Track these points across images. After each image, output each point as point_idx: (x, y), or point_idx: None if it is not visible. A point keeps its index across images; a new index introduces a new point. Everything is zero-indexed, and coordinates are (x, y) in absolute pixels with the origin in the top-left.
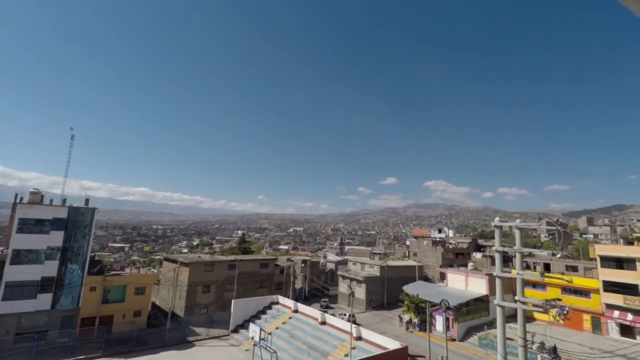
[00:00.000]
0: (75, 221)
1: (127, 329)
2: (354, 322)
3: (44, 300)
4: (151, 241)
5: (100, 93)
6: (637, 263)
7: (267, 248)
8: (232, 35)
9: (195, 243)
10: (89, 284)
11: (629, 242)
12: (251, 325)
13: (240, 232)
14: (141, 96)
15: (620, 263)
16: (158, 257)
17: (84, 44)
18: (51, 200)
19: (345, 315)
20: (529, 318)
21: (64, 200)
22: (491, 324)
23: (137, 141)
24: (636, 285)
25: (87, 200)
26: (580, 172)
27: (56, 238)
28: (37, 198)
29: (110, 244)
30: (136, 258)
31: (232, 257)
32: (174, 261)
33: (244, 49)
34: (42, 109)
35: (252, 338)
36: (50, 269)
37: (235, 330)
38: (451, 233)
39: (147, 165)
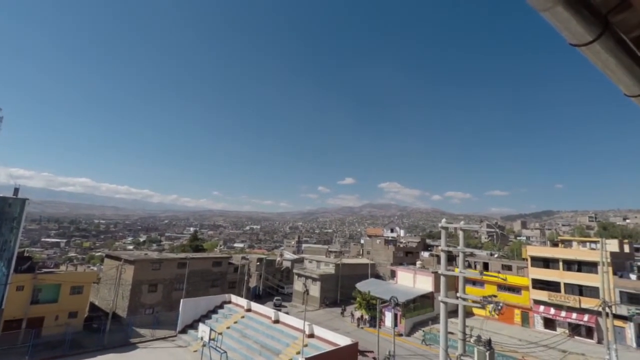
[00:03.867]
0: (1, 213)
1: (61, 331)
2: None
3: None
4: (92, 236)
5: (36, 68)
6: (560, 263)
7: (221, 246)
8: (193, 21)
9: (142, 239)
10: (15, 282)
11: (555, 244)
12: (201, 326)
13: (192, 229)
14: (85, 75)
15: (547, 263)
16: (99, 253)
17: (16, 14)
18: None
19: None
20: (468, 313)
21: None
22: (435, 319)
23: (79, 126)
24: (559, 283)
25: (16, 190)
26: (517, 180)
27: None
28: None
29: (43, 239)
30: (74, 254)
31: (183, 255)
32: (117, 258)
33: (204, 35)
34: None
35: (202, 338)
36: None
37: (184, 331)
38: (402, 233)
39: (90, 154)
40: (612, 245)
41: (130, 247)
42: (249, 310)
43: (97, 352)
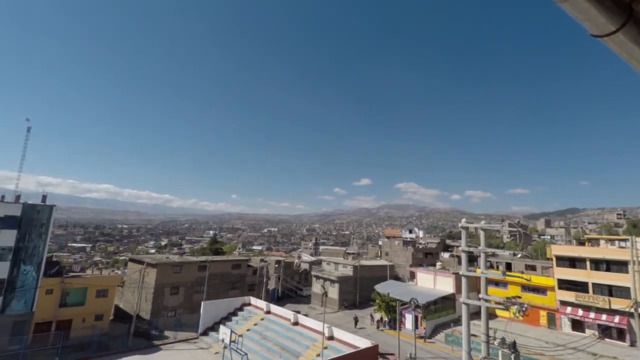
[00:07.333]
0: (31, 219)
1: (88, 334)
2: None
3: None
4: (115, 241)
5: (60, 80)
6: (587, 262)
7: (239, 249)
8: (210, 31)
9: (163, 243)
10: (44, 286)
11: (581, 243)
12: (221, 328)
13: (211, 232)
14: (107, 86)
15: (573, 262)
16: (123, 257)
17: (39, 29)
18: (3, 197)
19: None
20: (491, 315)
21: (18, 197)
22: (457, 322)
23: (102, 135)
24: (586, 283)
25: (44, 197)
26: (539, 177)
27: (8, 237)
28: None
29: (70, 244)
30: (99, 259)
31: (203, 258)
32: (140, 262)
33: (220, 43)
34: None
35: (222, 340)
36: (0, 270)
37: (205, 333)
38: (421, 233)
39: (112, 161)
40: None
41: (153, 250)
42: (268, 312)
43: (121, 354)
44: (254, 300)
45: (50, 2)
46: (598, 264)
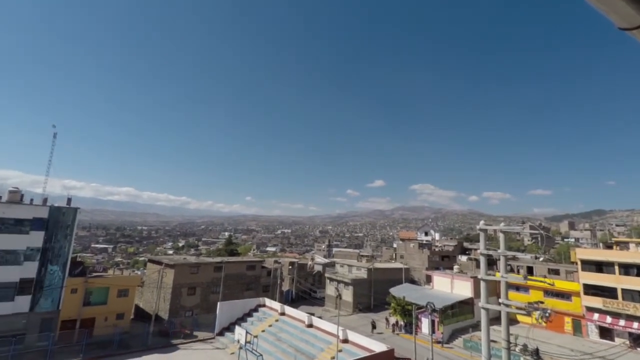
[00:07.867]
0: (57, 221)
1: (110, 332)
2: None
3: (22, 303)
4: (135, 242)
5: (84, 87)
6: (616, 267)
7: (254, 250)
8: (222, 32)
9: (180, 244)
10: (69, 285)
11: (608, 246)
12: (237, 328)
13: (227, 233)
14: (128, 92)
15: (600, 267)
16: (142, 258)
17: (66, 36)
18: (31, 200)
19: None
20: (512, 320)
21: (45, 200)
22: (476, 327)
23: (123, 139)
24: (615, 289)
25: (69, 200)
26: (561, 178)
27: (36, 238)
28: (16, 197)
29: (92, 245)
30: (120, 259)
31: (219, 259)
32: (159, 263)
33: (234, 44)
34: (22, 103)
35: (238, 341)
36: (29, 270)
37: (221, 333)
38: (437, 236)
39: (132, 165)
40: None
41: (170, 251)
42: (282, 314)
43: (141, 352)
44: (268, 301)
45: (74, 10)
46: (628, 269)
